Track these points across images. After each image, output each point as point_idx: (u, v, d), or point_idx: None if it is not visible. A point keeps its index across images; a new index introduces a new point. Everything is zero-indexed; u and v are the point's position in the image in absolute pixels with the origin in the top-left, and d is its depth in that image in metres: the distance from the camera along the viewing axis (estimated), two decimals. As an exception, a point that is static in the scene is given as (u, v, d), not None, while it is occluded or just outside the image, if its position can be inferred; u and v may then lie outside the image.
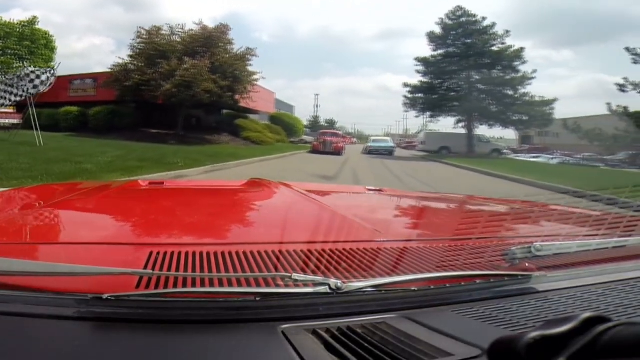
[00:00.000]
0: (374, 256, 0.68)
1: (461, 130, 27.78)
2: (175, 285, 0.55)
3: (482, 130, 27.99)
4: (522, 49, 24.78)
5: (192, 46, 18.94)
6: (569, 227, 1.02)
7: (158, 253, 0.65)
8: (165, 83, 17.41)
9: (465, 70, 25.17)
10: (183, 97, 17.60)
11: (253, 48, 20.24)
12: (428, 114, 27.77)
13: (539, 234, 0.92)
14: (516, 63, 24.72)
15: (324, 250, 0.69)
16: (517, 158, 27.00)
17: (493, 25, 25.31)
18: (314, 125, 54.09)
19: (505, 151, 28.27)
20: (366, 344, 0.45)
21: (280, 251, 0.67)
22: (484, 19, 25.55)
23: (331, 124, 63.82)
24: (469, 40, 25.33)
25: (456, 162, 17.73)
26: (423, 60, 26.66)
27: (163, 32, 19.65)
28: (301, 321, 0.50)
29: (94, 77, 22.93)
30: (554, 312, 0.55)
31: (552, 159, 27.67)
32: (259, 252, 0.66)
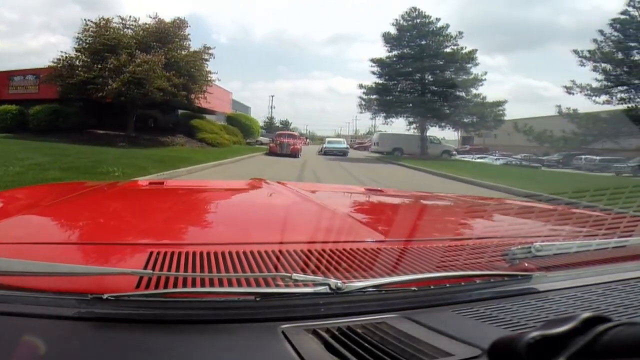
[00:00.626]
0: (374, 256, 0.68)
1: (413, 131, 28.28)
2: (175, 285, 0.55)
3: (432, 131, 28.52)
4: (474, 50, 25.23)
5: (145, 41, 17.61)
6: (569, 227, 1.01)
7: (158, 253, 0.64)
8: (114, 80, 15.91)
9: (420, 71, 25.38)
10: (133, 96, 16.21)
11: (210, 46, 19.27)
12: (382, 115, 27.97)
13: (539, 234, 0.92)
14: (468, 65, 25.19)
15: (324, 250, 0.69)
16: (465, 159, 27.77)
17: (446, 26, 25.57)
18: (269, 126, 53.95)
19: (453, 152, 29.46)
20: (366, 344, 0.45)
21: (280, 251, 0.67)
22: (437, 20, 25.82)
23: (285, 124, 63.64)
24: (423, 42, 25.55)
25: (414, 164, 17.70)
26: (378, 61, 26.68)
27: (114, 25, 17.81)
28: (301, 321, 0.50)
29: (36, 72, 20.52)
30: (554, 312, 0.55)
31: (497, 159, 28.76)
32: (259, 252, 0.66)
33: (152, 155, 12.34)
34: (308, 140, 53.81)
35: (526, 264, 0.69)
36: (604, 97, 17.02)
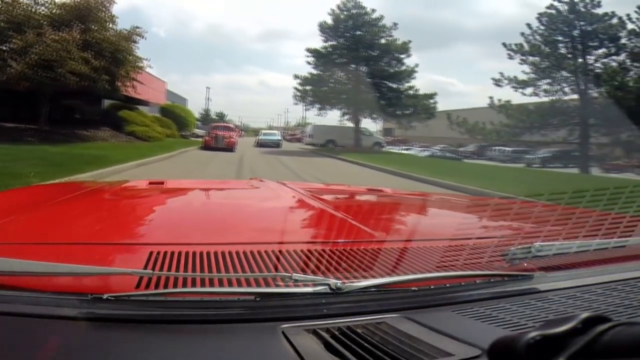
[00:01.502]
0: (374, 256, 0.68)
1: (346, 123, 28.21)
2: (175, 285, 0.55)
3: (364, 122, 28.46)
4: (408, 41, 25.20)
5: (61, 19, 14.46)
6: (569, 227, 0.99)
7: (158, 253, 0.64)
8: (17, 62, 12.79)
9: (355, 62, 25.24)
10: (41, 81, 13.13)
11: (139, 27, 16.21)
12: (317, 106, 27.66)
13: (539, 234, 0.91)
14: (402, 56, 25.22)
15: (324, 250, 0.69)
16: (393, 150, 28.07)
17: (381, 17, 25.45)
18: (205, 118, 52.60)
19: (383, 144, 29.68)
20: (366, 344, 0.46)
21: (280, 251, 0.67)
22: (373, 10, 25.62)
23: (221, 116, 62.27)
24: (358, 32, 25.33)
25: (353, 157, 17.13)
26: (314, 52, 26.08)
27: (23, 1, 14.22)
28: (301, 321, 0.50)
29: None
30: (554, 312, 0.55)
31: (421, 151, 29.35)
32: (259, 252, 0.66)
33: (55, 154, 9.36)
34: (242, 132, 52.90)
35: (526, 264, 0.69)
36: (530, 90, 17.64)
